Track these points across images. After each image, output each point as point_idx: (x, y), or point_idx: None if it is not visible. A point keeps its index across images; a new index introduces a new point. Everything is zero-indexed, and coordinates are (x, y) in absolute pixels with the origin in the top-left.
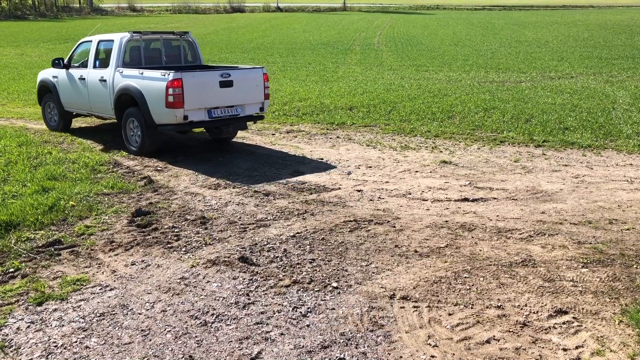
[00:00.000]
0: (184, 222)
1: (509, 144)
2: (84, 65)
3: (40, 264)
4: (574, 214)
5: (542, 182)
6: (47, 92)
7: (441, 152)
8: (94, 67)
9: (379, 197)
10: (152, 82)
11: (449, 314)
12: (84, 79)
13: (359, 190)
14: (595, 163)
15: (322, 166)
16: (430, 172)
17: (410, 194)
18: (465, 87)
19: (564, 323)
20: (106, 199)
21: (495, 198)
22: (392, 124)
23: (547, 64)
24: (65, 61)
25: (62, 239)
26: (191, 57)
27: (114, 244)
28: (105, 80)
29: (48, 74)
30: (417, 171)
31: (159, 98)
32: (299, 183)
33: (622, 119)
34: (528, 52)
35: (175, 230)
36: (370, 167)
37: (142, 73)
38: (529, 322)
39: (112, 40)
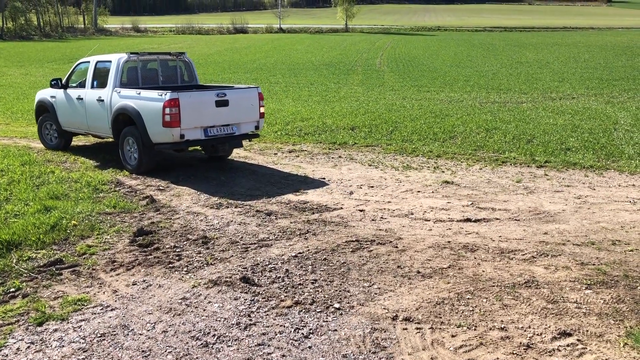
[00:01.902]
0: (185, 242)
1: (510, 164)
2: (81, 85)
3: (42, 283)
4: (576, 234)
5: (545, 203)
6: (44, 112)
7: (443, 172)
8: (92, 87)
9: (381, 217)
10: (149, 102)
11: (452, 336)
12: (81, 98)
13: (361, 210)
14: (597, 184)
15: (324, 186)
16: (432, 192)
17: (412, 214)
18: (467, 108)
19: (568, 345)
20: (108, 218)
21: (497, 218)
22: (394, 144)
23: (548, 84)
24: (63, 81)
25: (64, 259)
26: (187, 77)
27: (115, 263)
28: (102, 100)
29: (46, 94)
30: (419, 191)
31: (156, 117)
32: (301, 203)
33: (624, 140)
34: (529, 73)
35: (177, 250)
36: (372, 186)
37: (139, 93)
38: (532, 344)
39: (110, 61)
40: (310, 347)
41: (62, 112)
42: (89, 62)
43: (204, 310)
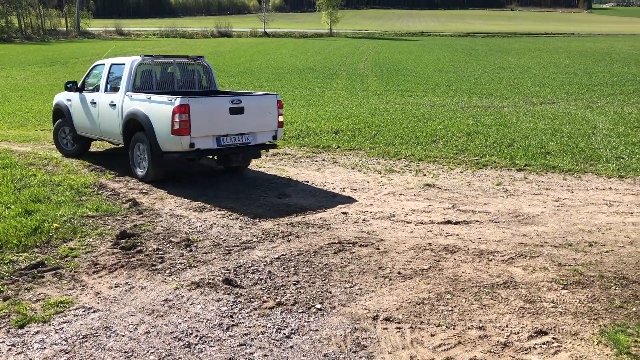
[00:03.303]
0: (168, 245)
1: (491, 167)
2: (96, 89)
3: (23, 286)
4: (554, 236)
5: (524, 205)
6: (61, 116)
7: (425, 175)
8: (106, 91)
9: (364, 220)
10: (158, 107)
11: (431, 335)
12: (95, 103)
13: (343, 213)
14: (575, 187)
15: (307, 189)
16: (414, 195)
17: (394, 216)
18: (449, 112)
19: (544, 343)
20: (90, 221)
21: (477, 221)
22: (377, 148)
23: (529, 89)
24: (78, 84)
25: (46, 261)
26: (206, 82)
27: (98, 266)
28: (115, 105)
29: (63, 97)
30: (401, 194)
31: (165, 124)
32: (284, 205)
33: (602, 144)
34: (511, 78)
35: (160, 253)
36: (355, 189)
37: (149, 98)
38: (509, 342)
39: (124, 64)
40: (291, 347)
41: (77, 116)
42: (104, 64)
43: (187, 311)
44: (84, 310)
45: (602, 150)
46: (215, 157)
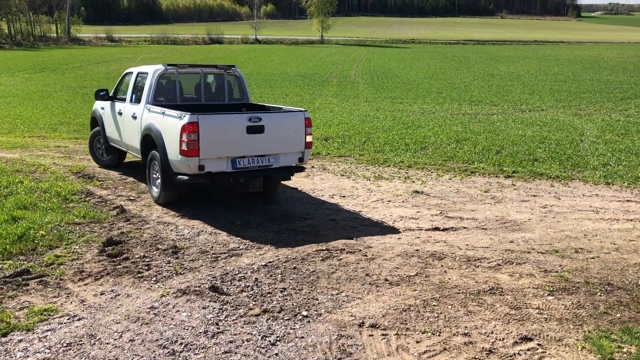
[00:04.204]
0: (155, 252)
1: (479, 174)
2: (124, 98)
3: (7, 294)
4: (541, 243)
5: (511, 212)
6: (96, 125)
7: (413, 182)
8: (131, 101)
9: (352, 227)
10: (170, 123)
11: (417, 342)
12: (121, 113)
13: (332, 220)
14: (562, 193)
15: (296, 195)
16: (403, 201)
17: (382, 223)
18: (439, 119)
19: (528, 350)
20: (77, 228)
21: (465, 227)
22: (367, 155)
23: (518, 97)
24: (110, 93)
25: (31, 269)
26: (239, 94)
27: (83, 273)
28: (136, 117)
29: (99, 105)
30: (389, 201)
31: (175, 142)
32: (272, 212)
33: (589, 151)
34: (500, 86)
35: (146, 260)
36: (344, 196)
37: (163, 112)
38: (494, 349)
39: (147, 73)
40: (277, 354)
41: (108, 126)
42: (132, 72)
43: (172, 319)
44: (69, 318)
45: (589, 157)
46: (231, 182)
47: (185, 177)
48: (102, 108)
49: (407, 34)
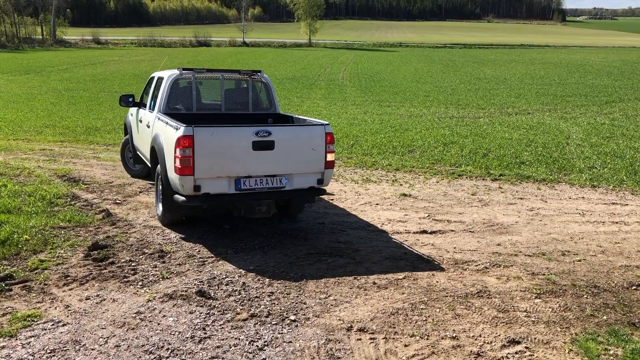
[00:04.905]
0: (141, 256)
1: (466, 177)
2: (146, 104)
3: None
4: (528, 245)
5: (498, 215)
6: (126, 132)
7: (401, 185)
8: (150, 108)
9: (340, 230)
10: (169, 135)
11: (405, 345)
12: (142, 121)
13: (320, 223)
14: (549, 196)
15: None
16: (391, 204)
17: (370, 226)
18: (426, 122)
19: (516, 353)
20: (62, 232)
21: (453, 230)
22: (355, 158)
23: (505, 100)
24: (137, 99)
25: (14, 274)
26: (265, 103)
27: (68, 278)
28: (149, 126)
29: (130, 110)
30: (377, 204)
31: (172, 157)
32: None
33: (575, 154)
34: (487, 89)
35: (133, 264)
36: (332, 199)
37: (167, 122)
38: (482, 352)
39: (163, 78)
40: (264, 359)
41: (134, 134)
42: (154, 77)
43: (159, 324)
44: (53, 324)
45: (575, 160)
46: (234, 205)
47: (182, 198)
48: (131, 114)
49: (394, 38)
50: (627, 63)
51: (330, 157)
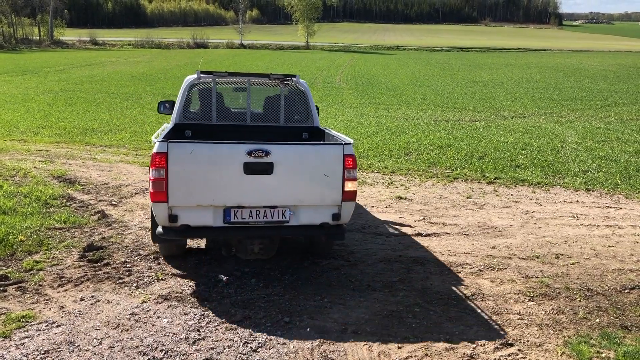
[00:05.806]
0: (136, 257)
1: (462, 180)
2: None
3: None
4: (522, 248)
5: (493, 218)
6: None
7: (397, 187)
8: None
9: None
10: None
11: (399, 348)
12: None
13: None
14: (544, 200)
15: None
16: (386, 207)
17: (365, 228)
18: (422, 125)
19: (509, 355)
20: (57, 233)
21: (447, 233)
22: None
23: (501, 103)
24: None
25: (9, 275)
26: (301, 114)
27: (63, 279)
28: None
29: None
30: (373, 206)
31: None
32: None
33: (570, 158)
34: (483, 92)
35: (128, 266)
36: None
37: (157, 135)
38: (475, 354)
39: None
40: None
41: None
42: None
43: (153, 325)
44: (47, 325)
45: (570, 164)
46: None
47: (160, 230)
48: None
49: (391, 41)
50: (623, 67)
51: (350, 185)
